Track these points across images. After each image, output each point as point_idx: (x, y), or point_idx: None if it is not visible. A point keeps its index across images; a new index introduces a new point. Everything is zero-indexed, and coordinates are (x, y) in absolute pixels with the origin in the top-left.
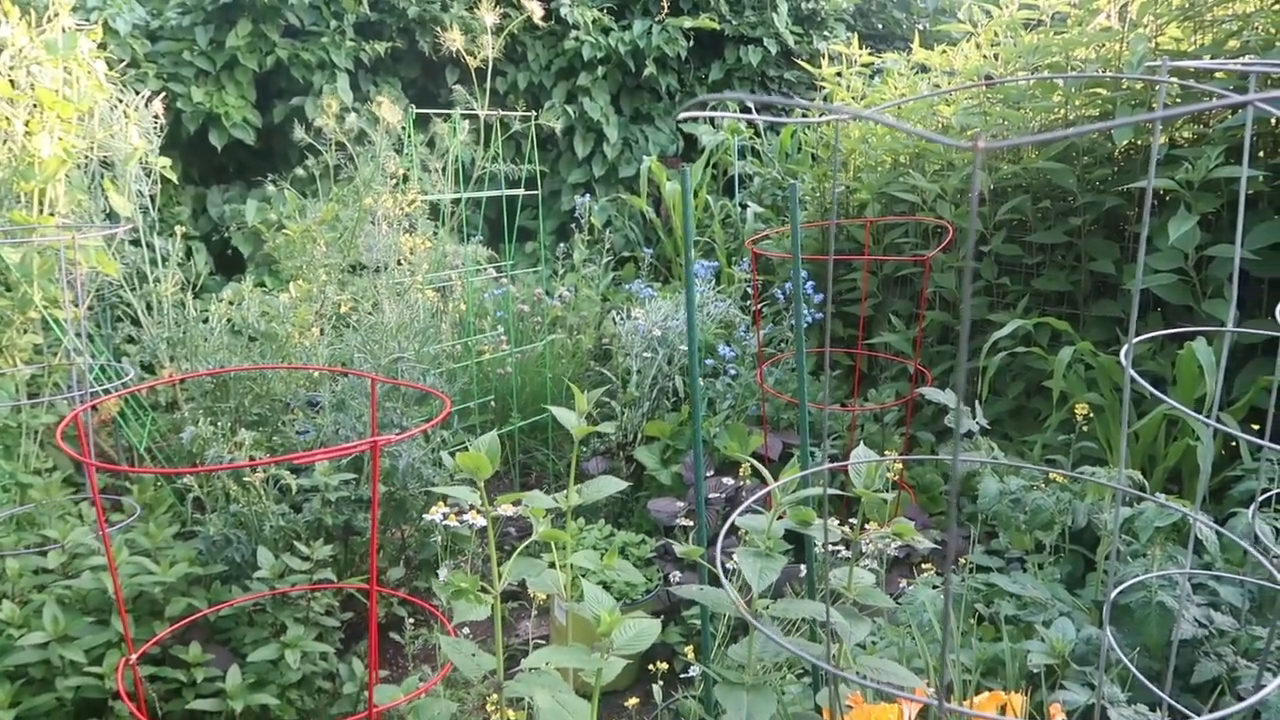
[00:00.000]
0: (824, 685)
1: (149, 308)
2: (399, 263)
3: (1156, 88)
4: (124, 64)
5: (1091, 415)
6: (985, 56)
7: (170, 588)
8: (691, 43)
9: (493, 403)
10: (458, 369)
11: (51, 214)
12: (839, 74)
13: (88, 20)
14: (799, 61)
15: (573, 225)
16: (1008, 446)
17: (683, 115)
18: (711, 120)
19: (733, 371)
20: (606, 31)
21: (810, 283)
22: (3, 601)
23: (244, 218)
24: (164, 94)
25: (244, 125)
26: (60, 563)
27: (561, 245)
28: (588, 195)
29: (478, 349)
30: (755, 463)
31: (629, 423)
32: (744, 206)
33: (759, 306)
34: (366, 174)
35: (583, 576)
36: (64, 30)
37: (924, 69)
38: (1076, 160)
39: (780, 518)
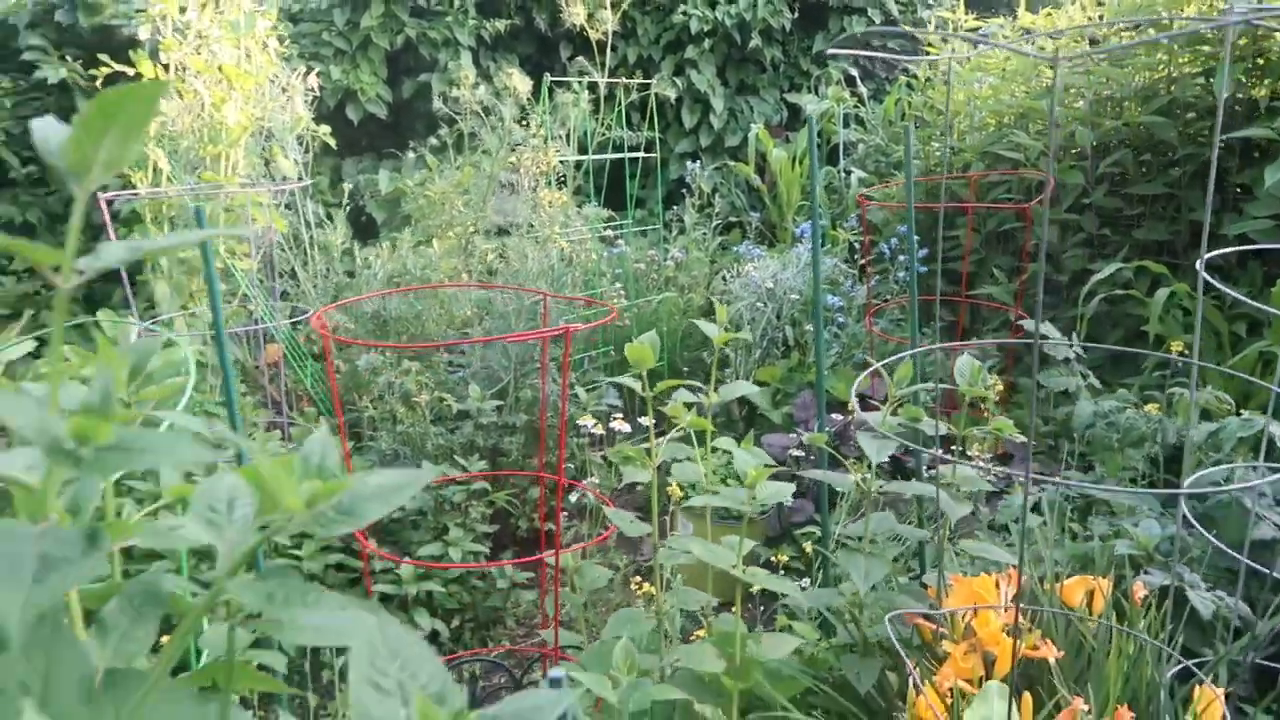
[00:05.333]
0: (929, 569)
1: (304, 263)
2: (529, 224)
3: (1225, 30)
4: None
5: (1188, 353)
6: (1090, 17)
7: None
8: (796, 14)
9: (611, 352)
10: (588, 315)
11: (234, 175)
12: (945, 39)
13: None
14: (910, 30)
15: (683, 191)
16: (1106, 392)
17: (831, 51)
18: (815, 89)
19: (840, 320)
20: (713, 5)
21: (915, 238)
22: None
23: (377, 186)
24: (307, 71)
25: (377, 100)
26: None
27: (672, 209)
28: (698, 162)
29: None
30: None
31: (741, 369)
32: (848, 173)
33: (868, 259)
34: (494, 142)
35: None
36: (243, 12)
37: (1028, 32)
38: (1179, 115)
39: (895, 413)
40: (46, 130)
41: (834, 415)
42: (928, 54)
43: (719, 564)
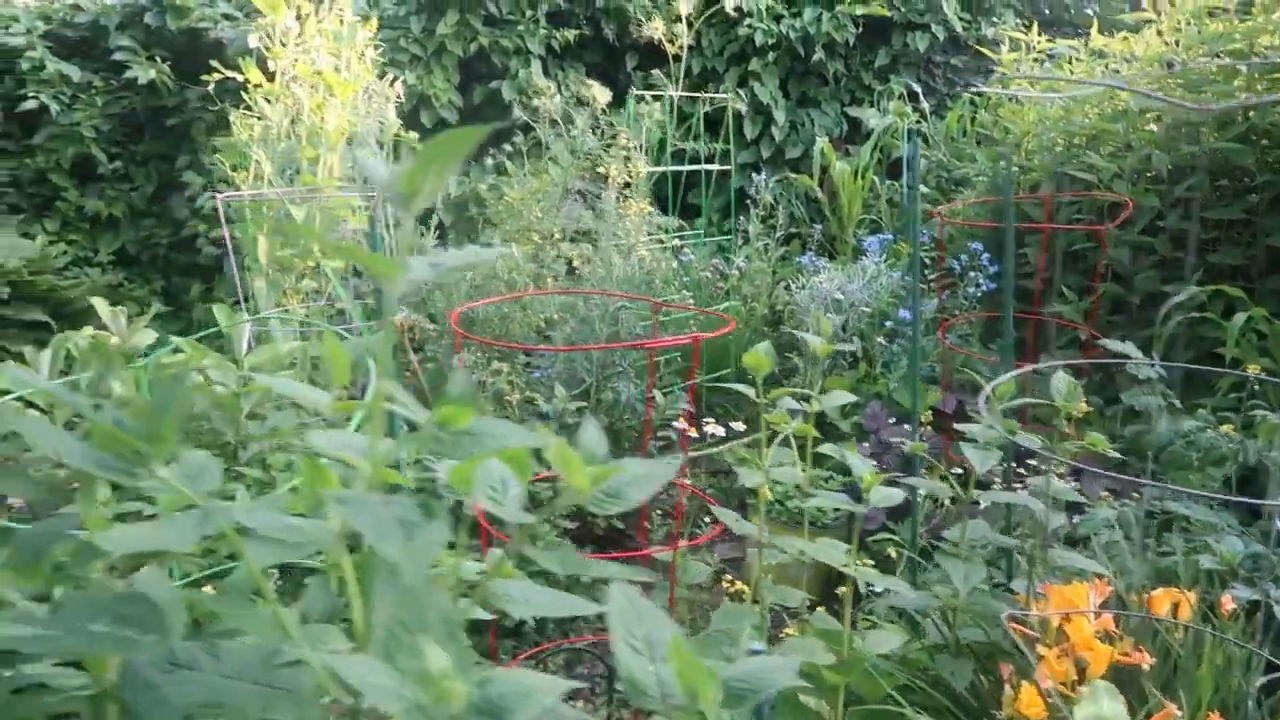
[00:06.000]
0: (1016, 576)
1: None
2: (613, 233)
3: None
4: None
5: (1264, 377)
6: (1166, 43)
7: None
8: (860, 29)
9: (679, 358)
10: (666, 323)
11: (329, 178)
12: (1017, 60)
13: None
14: (977, 47)
15: (749, 202)
16: (1182, 412)
17: (984, 89)
18: (875, 103)
19: (910, 333)
20: (778, 19)
21: (985, 255)
22: None
23: (447, 190)
24: (384, 77)
25: (449, 106)
26: None
27: (740, 219)
28: (762, 173)
29: (665, 309)
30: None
31: (809, 379)
32: (911, 188)
33: (941, 272)
34: (561, 149)
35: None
36: (343, 23)
37: (1100, 55)
38: (1256, 141)
39: (990, 427)
40: (374, 167)
41: (905, 425)
42: (1005, 79)
43: (830, 561)
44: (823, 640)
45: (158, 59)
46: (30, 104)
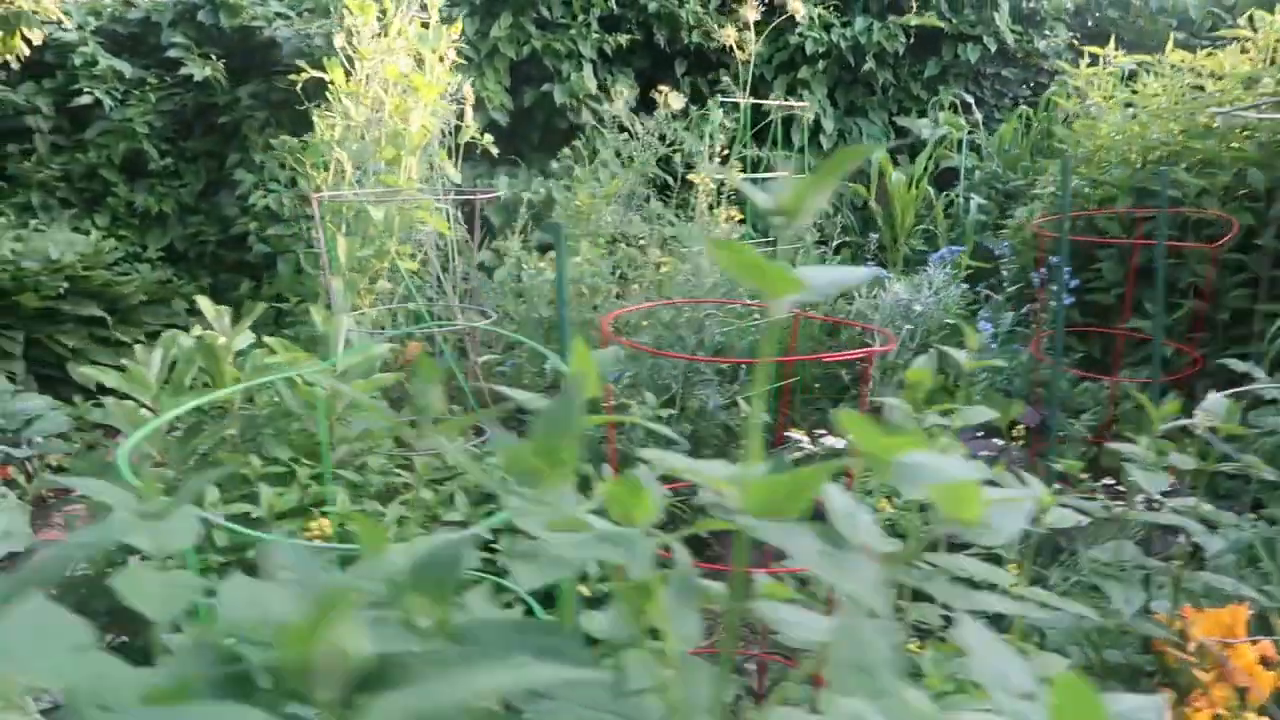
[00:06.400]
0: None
1: (444, 266)
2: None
3: None
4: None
5: None
6: (1252, 60)
7: None
8: (911, 39)
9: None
10: (745, 329)
11: (409, 179)
12: (1095, 75)
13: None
14: (1061, 65)
15: None
16: None
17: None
18: (923, 113)
19: (991, 346)
20: (828, 28)
21: (1067, 269)
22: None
23: (495, 191)
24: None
25: (501, 108)
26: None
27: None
28: None
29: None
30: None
31: (877, 390)
32: (967, 199)
33: (1039, 279)
34: (633, 151)
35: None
36: (426, 26)
37: (1177, 70)
38: None
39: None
40: (756, 191)
41: (991, 440)
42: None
43: (989, 579)
44: None
45: (212, 56)
46: (85, 99)
